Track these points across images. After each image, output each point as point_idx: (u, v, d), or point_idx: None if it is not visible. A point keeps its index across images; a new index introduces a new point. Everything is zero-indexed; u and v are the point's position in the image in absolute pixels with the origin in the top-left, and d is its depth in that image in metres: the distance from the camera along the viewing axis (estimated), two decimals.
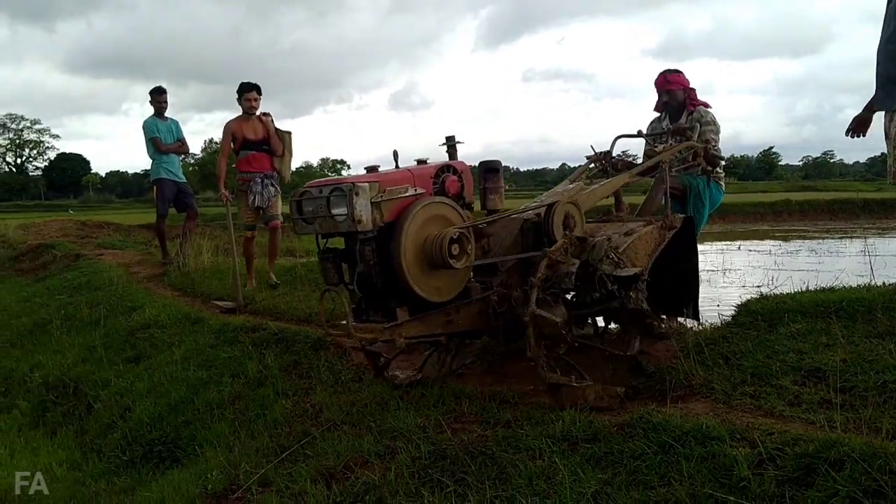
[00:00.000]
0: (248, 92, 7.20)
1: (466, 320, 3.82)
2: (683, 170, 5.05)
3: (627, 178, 4.53)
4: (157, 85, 8.81)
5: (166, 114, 8.78)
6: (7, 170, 74.69)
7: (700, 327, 4.36)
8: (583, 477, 2.89)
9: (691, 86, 5.50)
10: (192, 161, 65.22)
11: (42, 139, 76.36)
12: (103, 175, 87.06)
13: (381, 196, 3.45)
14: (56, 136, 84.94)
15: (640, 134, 5.28)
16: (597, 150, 5.10)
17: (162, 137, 8.61)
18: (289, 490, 3.36)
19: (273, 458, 3.77)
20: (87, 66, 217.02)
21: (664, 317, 4.58)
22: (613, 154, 5.10)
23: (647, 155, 5.22)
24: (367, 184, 3.40)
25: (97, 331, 6.73)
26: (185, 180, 9.12)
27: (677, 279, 4.38)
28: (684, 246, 4.30)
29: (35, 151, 76.55)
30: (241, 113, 7.28)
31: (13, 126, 73.84)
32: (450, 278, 3.69)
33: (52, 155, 77.91)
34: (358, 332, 3.54)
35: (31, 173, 77.06)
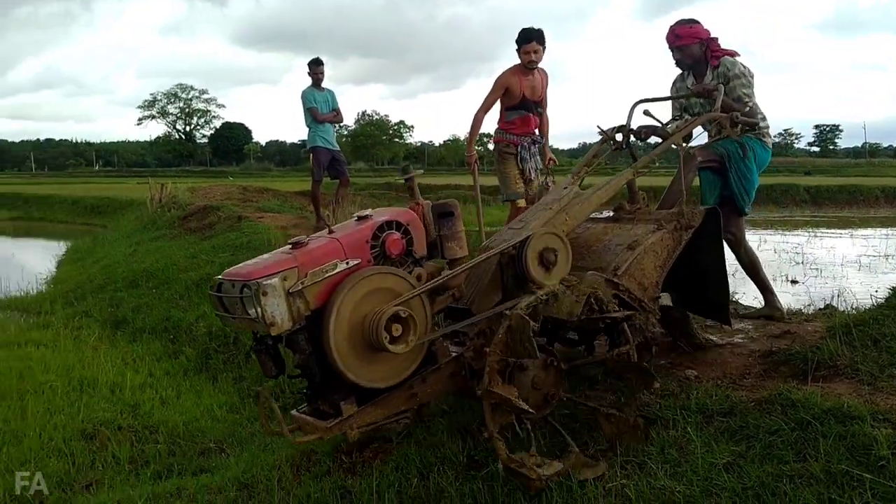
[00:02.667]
0: (527, 43, 6.04)
1: (436, 387, 3.28)
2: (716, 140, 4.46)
3: (631, 175, 3.82)
4: (316, 57, 9.23)
5: (323, 84, 9.19)
6: (177, 137, 79.69)
7: (850, 309, 4.16)
8: (716, 448, 2.91)
9: (712, 35, 4.57)
10: (346, 133, 67.46)
11: (209, 108, 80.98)
12: (263, 144, 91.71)
13: (302, 283, 2.88)
14: (221, 106, 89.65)
15: (659, 99, 4.59)
16: (605, 128, 4.27)
17: (319, 107, 9.01)
18: (427, 441, 3.54)
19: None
20: (255, 40, 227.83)
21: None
22: (634, 125, 4.33)
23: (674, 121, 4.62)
24: (275, 279, 2.82)
25: None
26: (339, 149, 9.54)
27: (702, 278, 3.88)
28: (709, 241, 3.73)
29: (202, 120, 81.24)
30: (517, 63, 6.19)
31: (183, 96, 78.66)
32: (400, 359, 3.08)
33: (217, 124, 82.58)
34: (297, 437, 3.09)
35: (198, 141, 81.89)
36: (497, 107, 6.33)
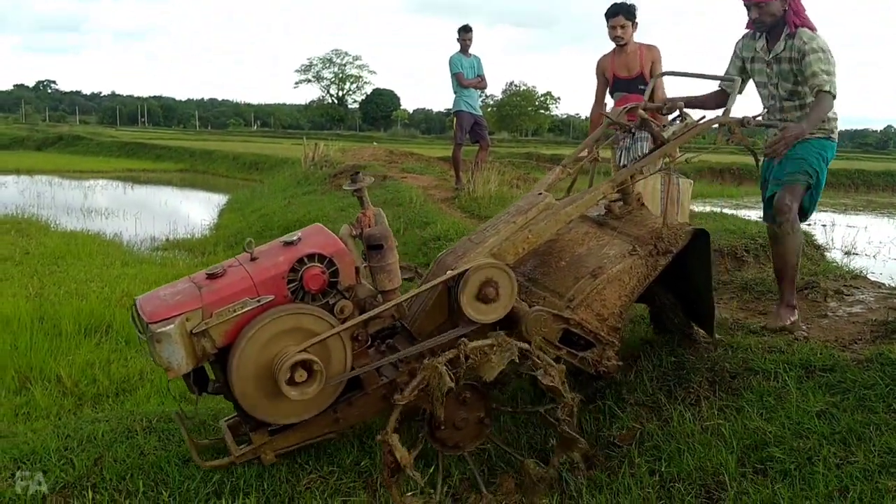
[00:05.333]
0: (613, 17, 5.63)
1: (365, 410, 3.13)
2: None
3: (609, 189, 3.45)
4: (464, 24, 9.59)
5: (470, 51, 9.53)
6: (329, 101, 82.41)
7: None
8: (811, 398, 3.09)
9: None
10: (492, 102, 67.71)
11: (361, 74, 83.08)
12: (411, 111, 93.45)
13: (206, 323, 2.75)
14: (373, 73, 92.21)
15: (680, 74, 4.24)
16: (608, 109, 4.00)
17: (465, 73, 9.37)
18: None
19: None
20: (417, 8, 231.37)
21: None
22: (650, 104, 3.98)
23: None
24: (171, 327, 2.69)
25: (398, 239, 7.69)
26: (482, 114, 9.89)
27: (690, 292, 3.75)
28: (699, 261, 3.50)
29: (354, 86, 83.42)
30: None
31: (338, 61, 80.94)
32: (314, 397, 2.88)
33: (368, 90, 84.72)
34: (209, 463, 2.99)
35: (349, 106, 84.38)
36: None
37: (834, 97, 3.63)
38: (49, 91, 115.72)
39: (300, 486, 3.02)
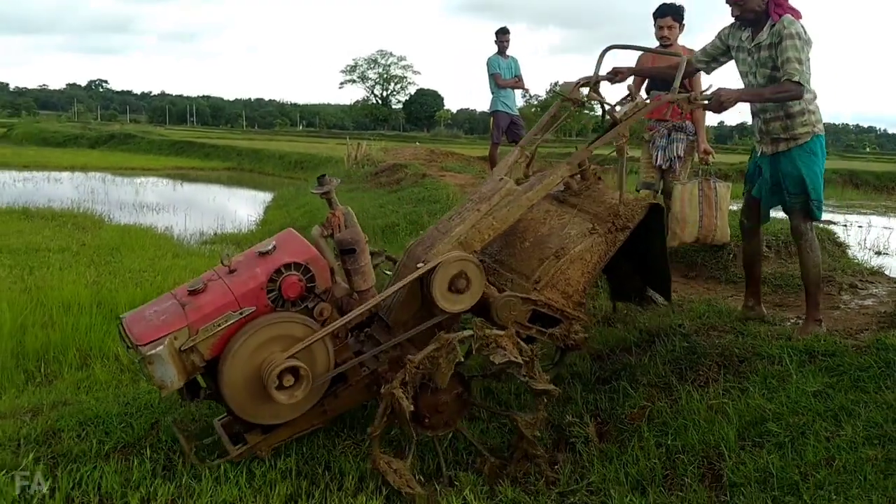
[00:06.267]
0: (661, 17, 5.55)
1: (349, 401, 3.32)
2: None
3: (567, 173, 3.63)
4: (503, 26, 9.84)
5: (508, 52, 9.77)
6: (374, 101, 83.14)
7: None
8: (811, 380, 3.31)
9: None
10: (536, 102, 67.66)
11: (405, 75, 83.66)
12: (454, 112, 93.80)
13: (193, 340, 2.90)
14: (417, 73, 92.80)
15: (635, 47, 4.31)
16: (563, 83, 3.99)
17: (502, 73, 9.62)
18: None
19: None
20: (461, 9, 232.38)
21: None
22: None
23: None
24: (161, 348, 2.84)
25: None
26: (519, 114, 10.13)
27: (644, 264, 3.98)
28: (654, 234, 3.72)
29: (398, 86, 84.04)
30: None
31: (383, 62, 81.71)
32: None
33: (412, 90, 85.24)
34: (207, 463, 3.13)
35: (393, 106, 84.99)
36: None
37: (802, 86, 3.68)
38: (101, 90, 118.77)
39: (336, 451, 3.32)
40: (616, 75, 4.09)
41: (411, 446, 3.13)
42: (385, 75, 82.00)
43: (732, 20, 3.96)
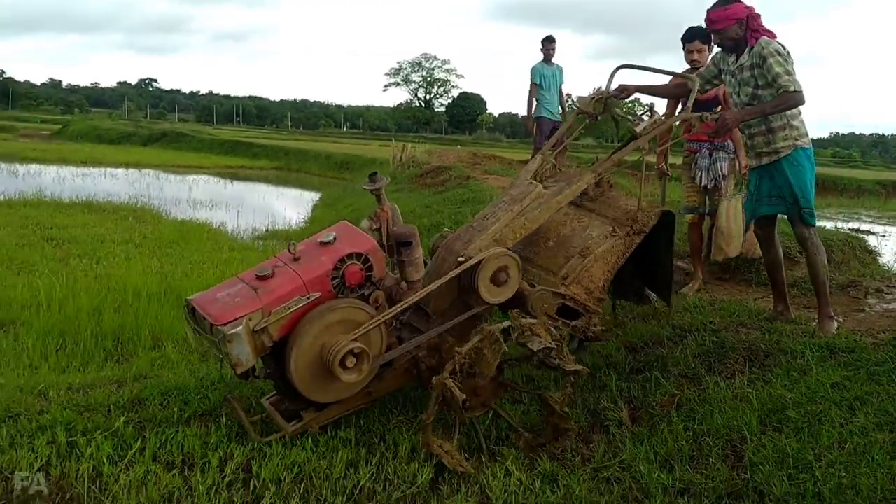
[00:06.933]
0: (690, 41, 5.52)
1: (391, 384, 3.63)
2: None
3: (592, 179, 3.98)
4: (548, 34, 10.14)
5: (553, 60, 10.07)
6: (417, 104, 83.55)
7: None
8: (829, 373, 3.57)
9: (754, 12, 4.12)
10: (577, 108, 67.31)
11: (449, 78, 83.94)
12: (496, 115, 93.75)
13: (266, 321, 3.14)
14: (461, 76, 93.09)
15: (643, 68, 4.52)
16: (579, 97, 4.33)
17: (546, 81, 9.92)
18: (599, 352, 4.44)
19: None
20: (505, 15, 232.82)
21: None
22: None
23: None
24: (240, 328, 3.07)
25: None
26: (562, 120, 10.41)
27: (655, 261, 4.22)
28: (663, 237, 4.07)
29: (442, 89, 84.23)
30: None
31: (426, 65, 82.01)
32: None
33: (455, 93, 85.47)
34: (264, 438, 3.37)
35: (436, 109, 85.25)
36: None
37: (800, 93, 3.97)
38: (150, 89, 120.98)
39: (390, 425, 3.66)
40: (622, 92, 4.39)
41: (457, 427, 3.45)
42: (429, 78, 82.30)
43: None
